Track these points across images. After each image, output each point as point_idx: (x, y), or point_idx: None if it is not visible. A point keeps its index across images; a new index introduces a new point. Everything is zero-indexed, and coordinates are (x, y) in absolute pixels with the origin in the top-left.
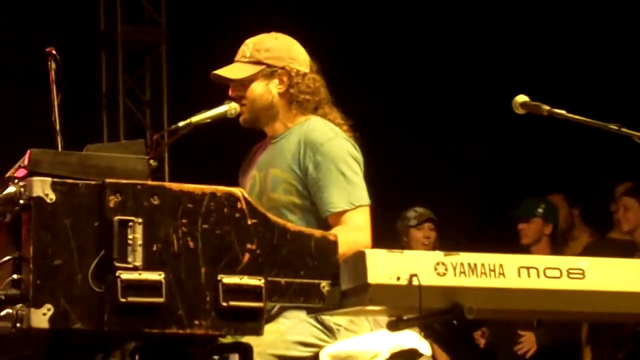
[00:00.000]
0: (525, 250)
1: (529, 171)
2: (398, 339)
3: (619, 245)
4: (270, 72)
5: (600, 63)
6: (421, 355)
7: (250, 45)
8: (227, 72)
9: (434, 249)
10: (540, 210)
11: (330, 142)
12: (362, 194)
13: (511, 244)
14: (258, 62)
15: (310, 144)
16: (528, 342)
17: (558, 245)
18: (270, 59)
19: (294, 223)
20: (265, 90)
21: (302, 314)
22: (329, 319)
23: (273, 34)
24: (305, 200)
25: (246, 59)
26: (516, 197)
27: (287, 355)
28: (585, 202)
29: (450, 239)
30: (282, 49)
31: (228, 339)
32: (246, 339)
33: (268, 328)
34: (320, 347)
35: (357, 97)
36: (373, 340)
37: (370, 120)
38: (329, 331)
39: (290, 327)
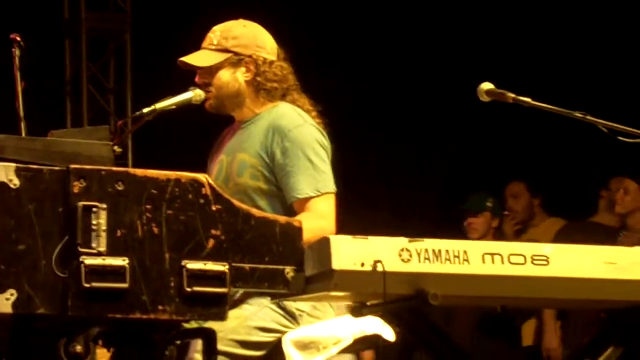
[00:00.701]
0: None
1: (494, 159)
2: (362, 325)
3: (600, 229)
4: (237, 60)
5: (566, 51)
6: (385, 340)
7: (217, 33)
8: (194, 59)
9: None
10: (489, 204)
11: (298, 128)
12: (328, 181)
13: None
14: (225, 50)
15: (278, 130)
16: None
17: (516, 234)
18: (238, 46)
19: (261, 208)
20: (232, 78)
21: (265, 300)
22: (292, 305)
23: (241, 21)
24: (271, 185)
25: (213, 47)
26: (480, 185)
27: (249, 340)
28: (549, 191)
29: (414, 226)
30: (250, 36)
31: (192, 325)
32: (209, 325)
33: (230, 314)
34: (282, 332)
35: (324, 84)
36: (336, 326)
37: (336, 107)
38: (292, 317)
39: (253, 312)
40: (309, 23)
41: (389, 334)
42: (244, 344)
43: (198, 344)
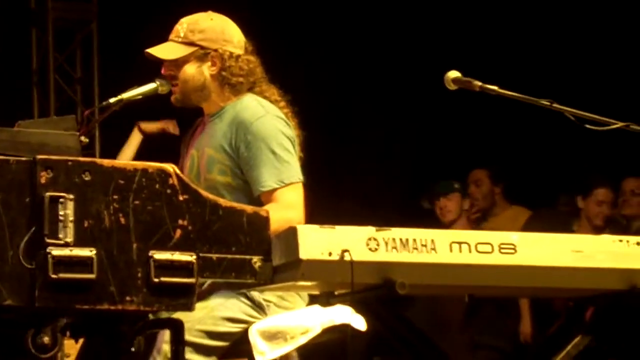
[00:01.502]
0: (447, 227)
1: (459, 146)
2: (330, 314)
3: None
4: (203, 54)
5: (533, 38)
6: (354, 330)
7: (184, 25)
8: (160, 51)
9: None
10: (457, 185)
11: (260, 120)
12: (293, 172)
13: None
14: (191, 44)
15: (241, 123)
16: None
17: (476, 222)
18: (204, 40)
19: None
20: (198, 72)
21: (232, 291)
22: (259, 295)
23: (209, 14)
24: (239, 180)
25: (180, 39)
26: (446, 174)
27: (216, 331)
28: (511, 180)
29: (381, 215)
30: (217, 30)
31: (162, 315)
32: (176, 315)
33: (197, 304)
34: (249, 323)
35: (291, 74)
36: (304, 316)
37: (303, 97)
38: (259, 307)
39: (220, 303)
40: (277, 12)
41: (359, 323)
42: (211, 335)
43: (166, 334)
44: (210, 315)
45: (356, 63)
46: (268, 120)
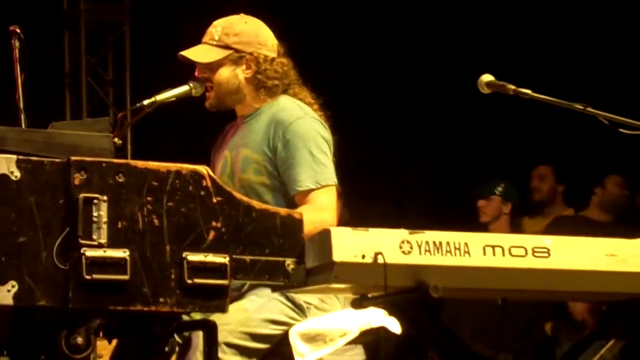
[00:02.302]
0: (484, 228)
1: (493, 149)
2: (367, 317)
3: (591, 224)
4: (238, 57)
5: (567, 43)
6: (390, 333)
7: (218, 28)
8: (195, 54)
9: None
10: (499, 189)
11: (299, 121)
12: (329, 174)
13: (472, 222)
14: (226, 47)
15: (279, 123)
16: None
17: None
18: (239, 44)
19: (267, 202)
20: (232, 75)
21: (272, 293)
22: (300, 297)
23: (242, 17)
24: (275, 180)
25: (214, 42)
26: (479, 176)
27: (258, 332)
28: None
29: (414, 217)
30: (251, 33)
31: (195, 316)
32: (218, 316)
33: (239, 305)
34: (290, 325)
35: (325, 77)
36: (342, 319)
37: (336, 100)
38: (300, 309)
39: (261, 305)
40: (310, 16)
41: (394, 325)
42: (254, 337)
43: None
44: (253, 317)
45: (389, 65)
46: (307, 121)
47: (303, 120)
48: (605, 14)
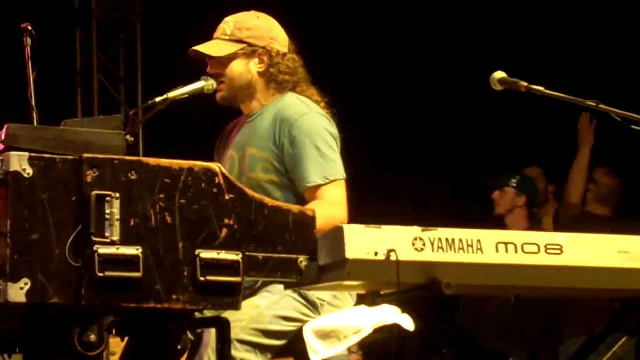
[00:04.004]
0: (500, 220)
1: (506, 147)
2: (381, 315)
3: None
4: (251, 51)
5: (580, 40)
6: (403, 330)
7: (231, 24)
8: (208, 49)
9: None
10: (513, 181)
11: (304, 117)
12: (337, 169)
13: (487, 220)
14: (239, 41)
15: (285, 120)
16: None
17: (534, 220)
18: (252, 38)
19: (276, 200)
20: (245, 69)
21: (285, 290)
22: (313, 294)
23: (254, 13)
24: (283, 177)
25: (227, 37)
26: (492, 172)
27: (271, 329)
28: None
29: (428, 215)
30: (264, 28)
31: (208, 313)
32: (230, 314)
33: (252, 302)
34: (303, 322)
35: (341, 73)
36: (356, 316)
37: (347, 95)
38: (313, 306)
39: (274, 301)
40: (325, 13)
41: (407, 323)
42: (267, 333)
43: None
44: (266, 313)
45: (406, 64)
46: (312, 117)
47: (308, 116)
48: (617, 11)
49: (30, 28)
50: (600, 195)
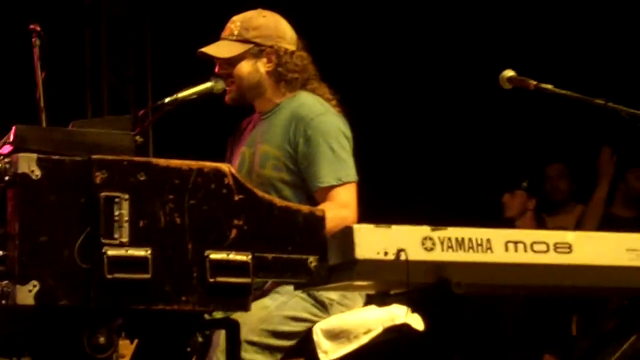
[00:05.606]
0: (509, 223)
1: (519, 147)
2: (391, 314)
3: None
4: (258, 50)
5: (589, 38)
6: (413, 330)
7: (237, 23)
8: (215, 50)
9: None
10: (524, 184)
11: (320, 117)
12: (350, 171)
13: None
14: (246, 41)
15: (301, 119)
16: None
17: (542, 220)
18: (259, 37)
19: (286, 198)
20: (253, 69)
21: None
22: (322, 294)
23: (260, 12)
24: (294, 176)
25: (234, 37)
26: (503, 170)
27: (280, 330)
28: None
29: (437, 214)
30: (271, 27)
31: (217, 315)
32: (239, 315)
33: (261, 303)
34: (313, 322)
35: (344, 71)
36: (366, 315)
37: (357, 94)
38: (322, 306)
39: (283, 302)
40: (338, 12)
41: (417, 322)
42: (276, 334)
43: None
44: (275, 314)
45: (411, 63)
46: (329, 117)
47: (325, 117)
48: (623, 9)
49: (38, 28)
50: (629, 197)
